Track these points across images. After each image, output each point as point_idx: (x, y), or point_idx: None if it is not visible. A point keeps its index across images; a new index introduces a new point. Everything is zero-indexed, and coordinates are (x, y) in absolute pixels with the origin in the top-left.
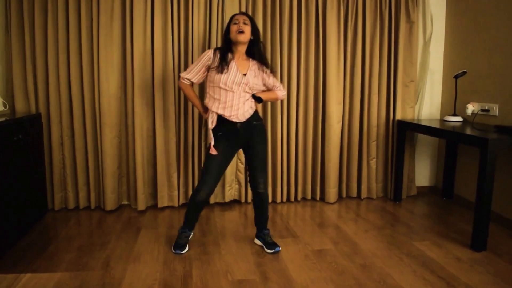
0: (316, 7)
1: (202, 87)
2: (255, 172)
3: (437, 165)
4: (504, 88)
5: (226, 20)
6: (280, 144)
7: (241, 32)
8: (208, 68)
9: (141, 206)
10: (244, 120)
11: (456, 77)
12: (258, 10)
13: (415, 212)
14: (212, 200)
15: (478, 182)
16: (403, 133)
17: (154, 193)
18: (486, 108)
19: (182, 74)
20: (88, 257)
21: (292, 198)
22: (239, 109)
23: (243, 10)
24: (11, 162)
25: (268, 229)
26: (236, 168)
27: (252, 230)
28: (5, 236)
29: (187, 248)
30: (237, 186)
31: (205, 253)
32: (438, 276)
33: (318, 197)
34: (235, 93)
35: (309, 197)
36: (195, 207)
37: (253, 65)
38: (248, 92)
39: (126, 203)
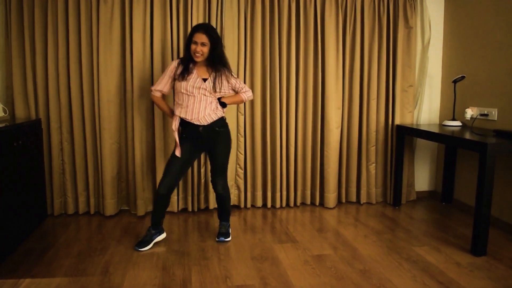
0: (315, 12)
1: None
2: (215, 175)
3: (436, 169)
4: (503, 93)
5: (226, 28)
6: (279, 149)
7: (199, 55)
8: (174, 78)
9: (141, 211)
10: (206, 124)
11: (454, 81)
12: (257, 16)
13: (415, 217)
14: (211, 205)
15: (478, 187)
16: (402, 138)
17: (153, 198)
18: (485, 112)
19: (153, 87)
20: (87, 263)
21: (292, 203)
22: (199, 113)
23: (242, 15)
24: (11, 167)
25: (227, 222)
26: (235, 173)
27: (251, 235)
28: (4, 241)
29: (150, 245)
30: (236, 192)
31: (204, 258)
32: (438, 281)
33: (317, 202)
34: (196, 97)
35: (308, 202)
36: (157, 202)
37: (215, 71)
38: (209, 96)
39: (126, 208)
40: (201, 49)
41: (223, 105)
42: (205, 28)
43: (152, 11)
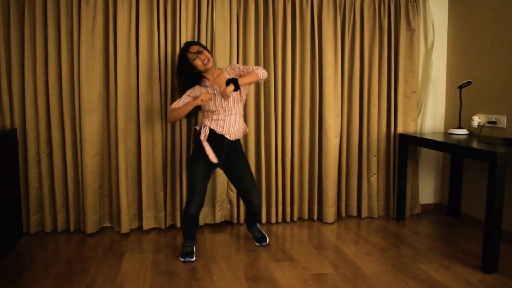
0: (312, 14)
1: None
2: (251, 194)
3: (442, 181)
4: None
5: (217, 32)
6: (275, 160)
7: (207, 61)
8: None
9: (125, 228)
10: (233, 140)
11: (460, 87)
12: (250, 18)
13: (420, 232)
14: (202, 221)
15: (487, 199)
16: (405, 147)
17: (139, 214)
18: (493, 120)
19: (172, 106)
20: (67, 285)
21: (288, 218)
22: (230, 127)
23: (234, 18)
24: None
25: (257, 225)
26: (227, 187)
27: (246, 252)
28: None
29: (194, 257)
30: (228, 206)
31: (195, 279)
32: None
33: (315, 217)
34: (226, 111)
35: (306, 217)
36: (189, 221)
37: (226, 74)
38: (241, 107)
39: (109, 225)
40: (205, 54)
41: (236, 86)
42: (192, 42)
43: (138, 14)
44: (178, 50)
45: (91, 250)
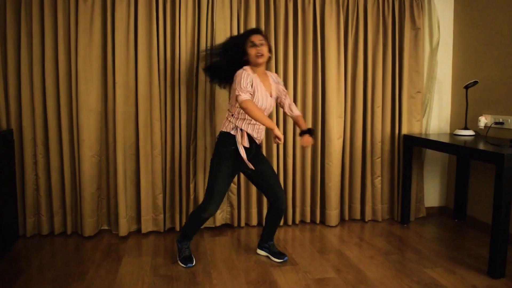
0: (314, 13)
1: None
2: (278, 191)
3: (448, 183)
4: None
5: (217, 31)
6: (276, 161)
7: (261, 55)
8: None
9: (123, 231)
10: (258, 144)
11: (466, 87)
12: (251, 17)
13: (425, 236)
14: None
15: (494, 202)
16: (410, 149)
17: (137, 217)
18: (500, 120)
19: (243, 93)
20: None
21: (290, 221)
22: (262, 132)
23: (234, 16)
24: None
25: (273, 240)
26: (228, 190)
27: (246, 256)
28: None
29: (194, 261)
30: (229, 209)
31: (194, 283)
32: None
33: (318, 220)
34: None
35: (308, 220)
36: (200, 223)
37: (271, 80)
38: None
39: (106, 228)
40: (262, 48)
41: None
42: (257, 30)
43: (136, 11)
44: (177, 50)
45: (89, 254)
